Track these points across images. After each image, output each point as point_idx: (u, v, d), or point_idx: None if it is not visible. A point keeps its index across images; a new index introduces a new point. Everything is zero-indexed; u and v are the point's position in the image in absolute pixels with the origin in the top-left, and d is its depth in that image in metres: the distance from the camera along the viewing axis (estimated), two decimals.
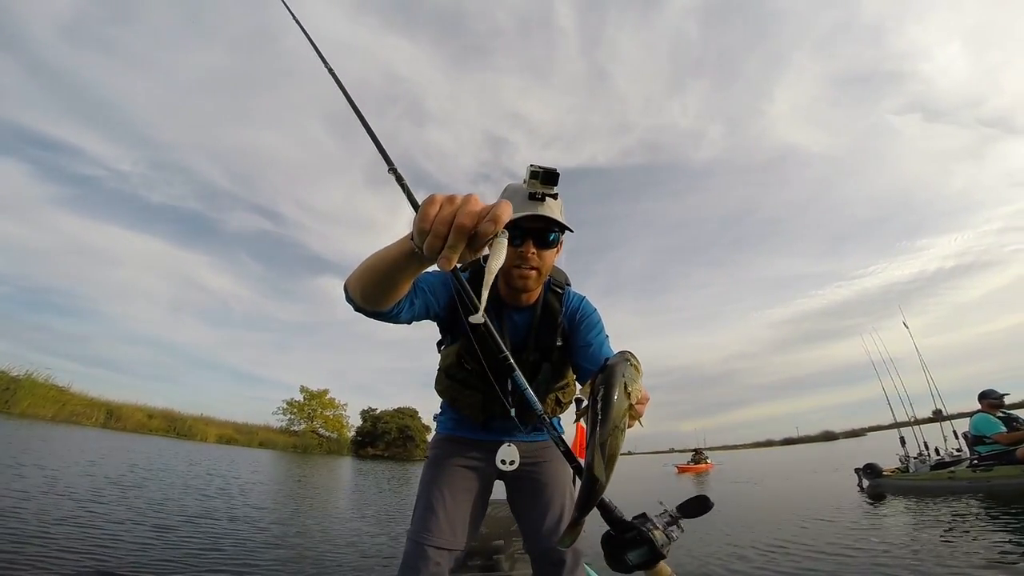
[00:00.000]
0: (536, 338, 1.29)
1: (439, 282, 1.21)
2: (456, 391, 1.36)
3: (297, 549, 5.12)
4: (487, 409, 1.33)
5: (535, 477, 1.39)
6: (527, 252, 1.16)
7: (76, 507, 5.42)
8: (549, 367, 1.31)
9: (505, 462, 1.30)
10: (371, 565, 4.74)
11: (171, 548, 4.37)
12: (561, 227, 1.19)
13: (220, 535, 5.25)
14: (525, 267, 1.18)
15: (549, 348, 1.29)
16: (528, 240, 1.16)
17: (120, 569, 3.57)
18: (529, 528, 1.36)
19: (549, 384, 1.34)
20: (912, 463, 9.04)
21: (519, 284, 1.20)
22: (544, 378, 1.31)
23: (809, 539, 5.33)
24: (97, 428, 22.83)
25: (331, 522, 7.35)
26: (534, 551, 1.34)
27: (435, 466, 1.37)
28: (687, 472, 24.21)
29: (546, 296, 1.31)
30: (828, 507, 7.87)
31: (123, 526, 4.94)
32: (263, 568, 4.20)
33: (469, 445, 1.39)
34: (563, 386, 1.40)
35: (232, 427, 33.11)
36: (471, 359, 1.25)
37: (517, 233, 1.15)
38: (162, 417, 28.19)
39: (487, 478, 1.39)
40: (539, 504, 1.36)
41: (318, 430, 38.33)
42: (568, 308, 1.33)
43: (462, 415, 1.40)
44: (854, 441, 67.70)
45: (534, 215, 1.13)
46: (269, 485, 11.29)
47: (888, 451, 10.52)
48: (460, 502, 1.31)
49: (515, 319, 1.30)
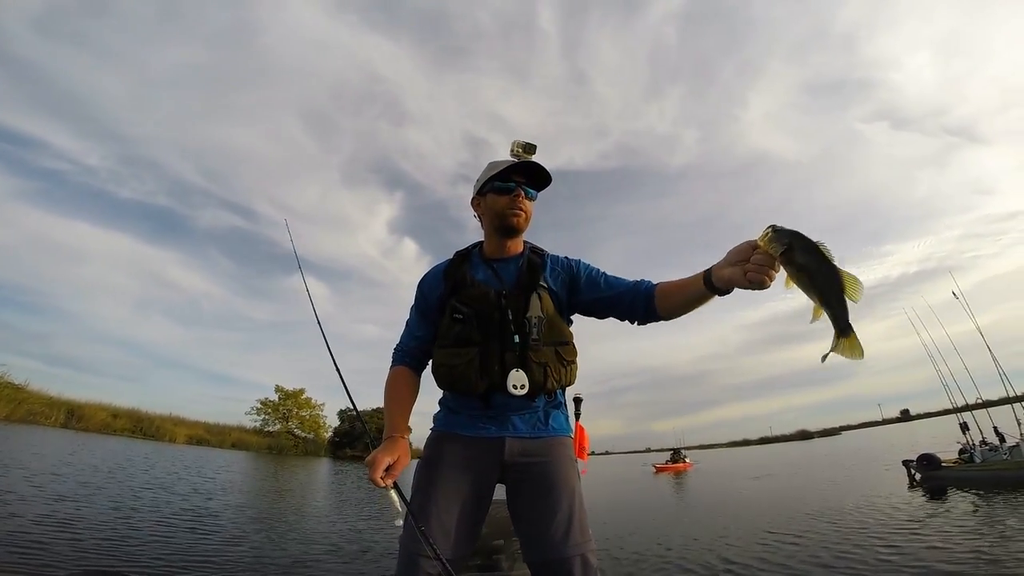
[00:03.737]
0: (524, 276, 1.35)
1: (416, 312, 1.44)
2: (451, 356, 1.28)
3: (292, 554, 4.88)
4: (485, 368, 1.23)
5: (538, 476, 1.25)
6: (518, 196, 1.35)
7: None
8: (538, 301, 1.29)
9: (516, 386, 1.22)
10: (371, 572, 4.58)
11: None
12: (540, 185, 1.40)
13: (203, 542, 4.96)
14: (517, 208, 1.34)
15: (534, 284, 1.32)
16: (519, 188, 1.35)
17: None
18: (529, 533, 1.20)
19: (543, 326, 1.27)
20: (978, 451, 7.91)
21: (511, 221, 1.35)
22: (535, 314, 1.27)
23: (884, 547, 4.64)
24: (57, 428, 21.77)
25: (315, 524, 7.09)
26: (535, 559, 1.18)
27: (429, 468, 1.26)
28: (665, 471, 24.39)
29: (528, 253, 1.41)
30: (882, 506, 6.84)
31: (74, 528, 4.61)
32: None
33: (467, 443, 1.27)
34: (562, 342, 1.32)
35: (203, 427, 32.04)
36: (462, 306, 1.29)
37: (509, 185, 1.34)
38: (128, 417, 27.04)
39: (486, 481, 1.26)
40: (542, 506, 1.20)
41: (294, 431, 37.42)
42: (554, 263, 1.41)
43: (460, 391, 1.28)
44: (840, 438, 68.24)
45: (523, 162, 1.34)
46: (244, 486, 10.87)
47: (885, 446, 10.25)
48: (456, 508, 1.20)
49: (502, 269, 1.38)
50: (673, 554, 5.34)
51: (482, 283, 1.33)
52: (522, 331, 1.24)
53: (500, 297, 1.28)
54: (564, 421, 1.37)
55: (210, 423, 33.44)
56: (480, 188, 1.39)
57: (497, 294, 1.28)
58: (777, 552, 4.95)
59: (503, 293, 1.29)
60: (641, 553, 5.48)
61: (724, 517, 7.35)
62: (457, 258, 1.42)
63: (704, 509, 9.63)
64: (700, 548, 5.49)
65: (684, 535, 6.40)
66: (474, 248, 1.46)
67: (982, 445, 8.01)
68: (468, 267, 1.37)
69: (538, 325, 1.26)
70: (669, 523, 7.92)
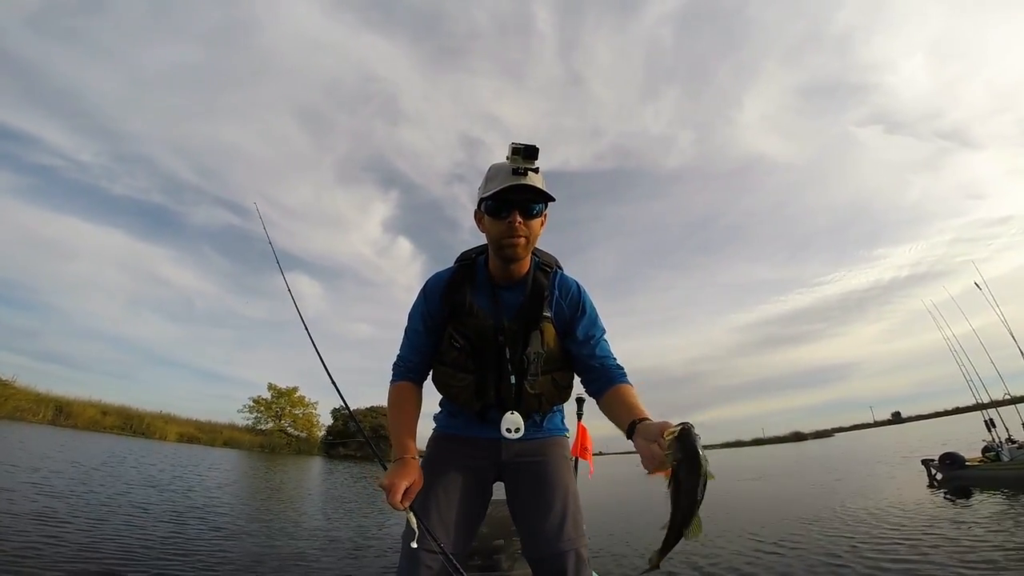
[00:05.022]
0: (525, 310, 1.31)
1: (419, 324, 1.36)
2: (448, 376, 1.34)
3: (284, 553, 4.76)
4: (481, 394, 1.30)
5: (535, 475, 1.33)
6: (514, 222, 1.22)
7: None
8: (539, 335, 1.28)
9: (511, 430, 1.26)
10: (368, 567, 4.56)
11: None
12: (545, 199, 1.24)
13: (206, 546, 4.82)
14: (513, 235, 1.23)
15: (536, 319, 1.30)
16: (514, 211, 1.21)
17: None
18: (527, 530, 1.28)
19: (541, 360, 1.29)
20: (1005, 449, 7.72)
21: (509, 252, 1.24)
22: (535, 350, 1.28)
23: (909, 550, 4.44)
24: (44, 425, 21.45)
25: (310, 521, 6.97)
26: (533, 556, 1.26)
27: (430, 466, 1.32)
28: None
29: (535, 273, 1.35)
30: (905, 506, 6.52)
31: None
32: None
33: (466, 443, 1.35)
34: (559, 368, 1.36)
35: (194, 425, 31.72)
36: (459, 336, 1.29)
37: (504, 205, 1.21)
38: (117, 414, 26.69)
39: (485, 479, 1.35)
40: (539, 504, 1.29)
41: (287, 429, 37.15)
42: (560, 287, 1.36)
43: (457, 406, 1.37)
44: (833, 440, 67.94)
45: (518, 185, 1.19)
46: (240, 487, 10.72)
47: (884, 446, 10.07)
48: (456, 505, 1.27)
49: (506, 297, 1.33)
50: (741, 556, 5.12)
51: (481, 312, 1.30)
52: (520, 368, 1.27)
53: (498, 333, 1.28)
54: (560, 422, 1.43)
55: (201, 421, 33.17)
56: (478, 203, 1.30)
57: (495, 329, 1.28)
58: (806, 554, 4.74)
59: (502, 327, 1.28)
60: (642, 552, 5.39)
61: (736, 519, 7.19)
62: (459, 273, 1.37)
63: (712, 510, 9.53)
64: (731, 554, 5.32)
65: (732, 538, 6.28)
66: (479, 256, 1.39)
67: (1009, 443, 7.86)
68: (470, 289, 1.33)
69: (536, 360, 1.28)
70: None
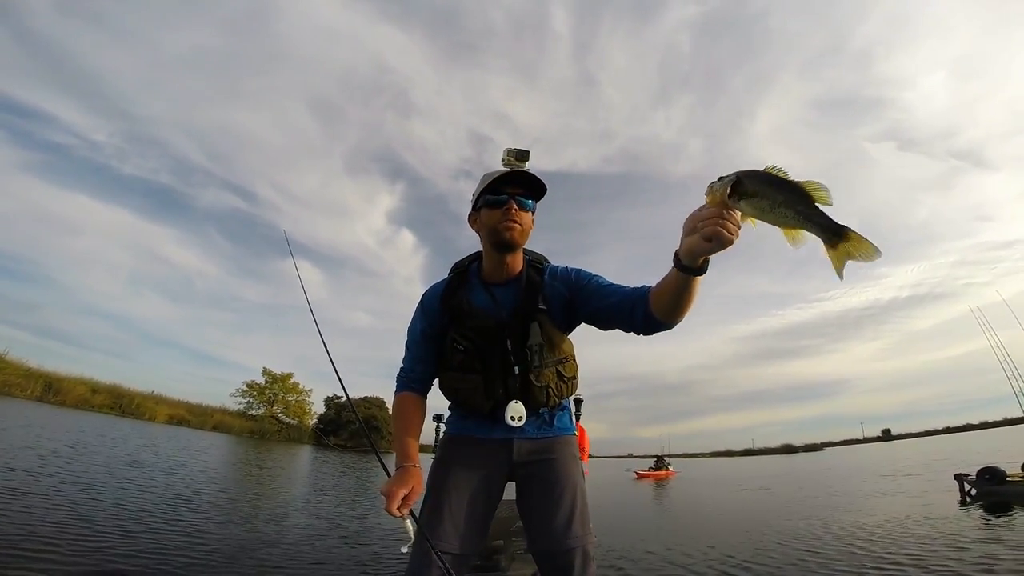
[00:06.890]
0: (522, 303, 1.35)
1: (419, 335, 1.41)
2: (456, 379, 1.38)
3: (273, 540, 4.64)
4: (490, 393, 1.32)
5: (545, 473, 1.35)
6: (510, 208, 1.30)
7: None
8: (538, 328, 1.33)
9: (514, 418, 1.30)
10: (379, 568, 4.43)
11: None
12: (537, 187, 1.33)
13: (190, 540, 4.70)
14: (509, 220, 1.29)
15: (532, 311, 1.33)
16: (511, 200, 1.30)
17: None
18: (536, 526, 1.30)
19: (544, 351, 1.33)
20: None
21: (506, 236, 1.30)
22: (536, 341, 1.32)
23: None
24: (31, 401, 21.31)
25: (299, 512, 6.86)
26: (539, 552, 1.29)
27: (442, 468, 1.36)
28: (646, 478, 24.26)
29: (528, 271, 1.40)
30: (938, 525, 5.94)
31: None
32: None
33: (477, 445, 1.38)
34: (562, 360, 1.38)
35: (185, 407, 31.64)
36: (462, 338, 1.34)
37: (501, 196, 1.30)
38: (107, 392, 26.62)
39: (497, 480, 1.36)
40: (547, 501, 1.31)
41: (278, 415, 36.99)
42: (552, 276, 1.40)
43: (468, 409, 1.39)
44: (824, 454, 67.74)
45: (514, 172, 1.29)
46: None
47: (880, 462, 9.48)
48: (467, 506, 1.29)
49: (501, 294, 1.37)
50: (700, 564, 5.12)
51: (481, 310, 1.35)
52: (523, 360, 1.31)
53: (499, 328, 1.32)
54: (568, 421, 1.46)
55: (192, 403, 33.06)
56: (474, 203, 1.37)
57: (496, 325, 1.32)
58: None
59: (502, 323, 1.32)
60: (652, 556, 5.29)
61: (735, 531, 7.04)
62: (454, 281, 1.42)
63: (705, 518, 9.44)
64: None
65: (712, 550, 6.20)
66: (472, 264, 1.45)
67: None
68: (465, 292, 1.38)
69: (539, 351, 1.32)
70: (683, 531, 7.73)
